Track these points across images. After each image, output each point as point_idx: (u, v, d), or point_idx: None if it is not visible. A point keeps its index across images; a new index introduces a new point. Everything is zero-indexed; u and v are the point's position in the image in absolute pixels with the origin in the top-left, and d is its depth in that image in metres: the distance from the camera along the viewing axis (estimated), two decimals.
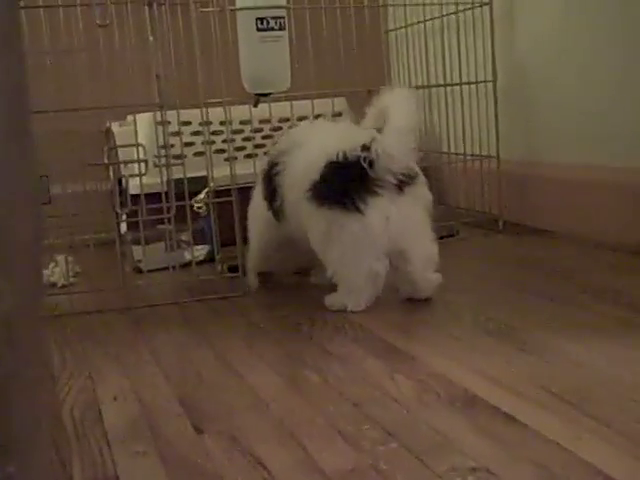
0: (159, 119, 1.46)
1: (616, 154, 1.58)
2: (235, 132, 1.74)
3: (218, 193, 1.51)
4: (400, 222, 1.23)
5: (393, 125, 1.25)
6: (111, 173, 1.76)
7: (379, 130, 1.28)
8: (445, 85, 1.96)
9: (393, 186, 1.23)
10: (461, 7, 1.87)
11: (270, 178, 1.38)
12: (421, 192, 1.27)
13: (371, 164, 1.22)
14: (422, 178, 1.28)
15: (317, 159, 1.27)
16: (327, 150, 1.26)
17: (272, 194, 1.37)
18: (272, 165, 1.38)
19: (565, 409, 0.83)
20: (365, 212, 1.22)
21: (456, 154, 1.97)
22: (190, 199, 1.48)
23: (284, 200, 1.34)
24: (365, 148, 1.23)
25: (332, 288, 1.29)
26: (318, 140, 1.33)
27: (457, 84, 1.92)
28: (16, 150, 0.38)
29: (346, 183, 1.23)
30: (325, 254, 1.28)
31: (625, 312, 1.15)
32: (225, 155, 1.74)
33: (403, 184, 1.24)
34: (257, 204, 1.45)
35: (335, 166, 1.24)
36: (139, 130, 1.48)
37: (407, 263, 1.26)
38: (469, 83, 1.89)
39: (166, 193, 1.45)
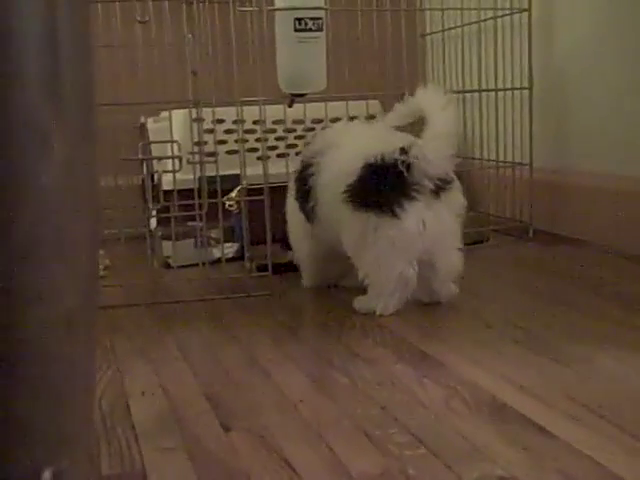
0: (194, 116, 1.47)
1: None
2: (268, 131, 1.74)
3: (250, 192, 1.51)
4: (434, 228, 1.23)
5: (433, 129, 1.24)
6: (144, 168, 1.76)
7: (406, 129, 1.28)
8: (480, 91, 1.95)
9: (430, 191, 1.22)
10: (499, 13, 1.86)
11: (304, 179, 1.37)
12: (456, 198, 1.27)
13: (409, 168, 1.21)
14: (457, 184, 1.27)
15: (354, 160, 1.26)
16: (364, 152, 1.25)
17: (305, 195, 1.37)
18: (306, 166, 1.38)
19: (597, 423, 0.82)
20: (401, 216, 1.21)
21: (488, 160, 1.96)
22: (222, 197, 1.48)
23: (318, 201, 1.34)
24: (404, 151, 1.22)
25: (362, 291, 1.29)
26: (354, 141, 1.32)
27: (492, 90, 1.90)
28: (86, 150, 0.39)
29: (383, 186, 1.22)
30: (358, 257, 1.28)
31: None
32: (258, 154, 1.75)
33: (439, 189, 1.23)
34: (290, 213, 1.46)
35: (372, 168, 1.23)
36: (173, 127, 1.49)
37: (432, 270, 1.26)
38: (504, 89, 1.88)
39: (198, 190, 1.46)
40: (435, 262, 1.25)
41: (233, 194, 1.52)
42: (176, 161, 1.44)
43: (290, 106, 1.58)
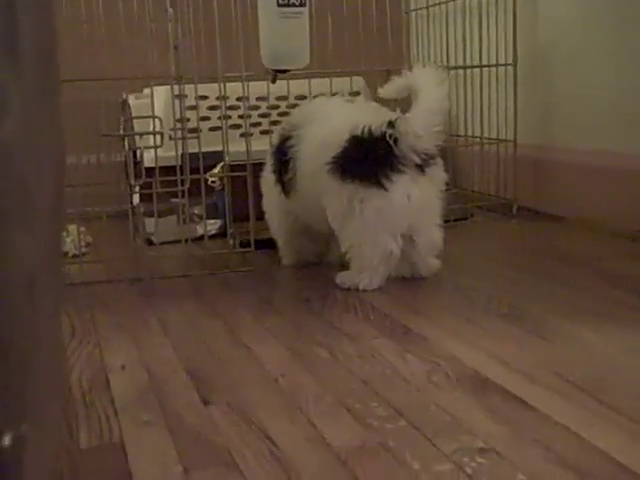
0: (176, 92, 1.45)
1: (635, 141, 1.56)
2: (251, 108, 1.73)
3: (233, 168, 1.50)
4: (418, 203, 1.23)
5: (423, 105, 1.24)
6: (126, 145, 1.75)
7: (389, 105, 1.28)
8: (465, 67, 1.94)
9: (415, 166, 1.22)
10: None
11: (283, 151, 1.36)
12: (438, 174, 1.27)
13: (396, 141, 1.21)
14: (439, 160, 1.28)
15: (340, 132, 1.25)
16: (350, 124, 1.25)
17: (284, 167, 1.36)
18: (285, 138, 1.37)
19: (577, 395, 0.82)
20: (389, 188, 1.21)
21: (473, 137, 1.96)
22: (205, 173, 1.47)
23: (297, 173, 1.33)
24: (391, 125, 1.22)
25: (343, 267, 1.29)
26: (339, 114, 1.32)
27: (477, 66, 1.90)
28: (47, 105, 0.38)
29: (370, 158, 1.22)
30: (342, 229, 1.27)
31: (639, 300, 1.14)
32: (241, 131, 1.73)
33: (424, 164, 1.23)
34: (264, 188, 1.46)
35: (359, 140, 1.23)
36: (155, 103, 1.47)
37: (413, 244, 1.26)
38: (489, 66, 1.87)
39: (180, 166, 1.45)
40: (416, 237, 1.25)
41: (216, 170, 1.51)
42: (158, 137, 1.43)
43: (273, 82, 1.56)
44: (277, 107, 1.87)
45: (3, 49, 0.34)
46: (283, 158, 1.36)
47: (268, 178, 1.44)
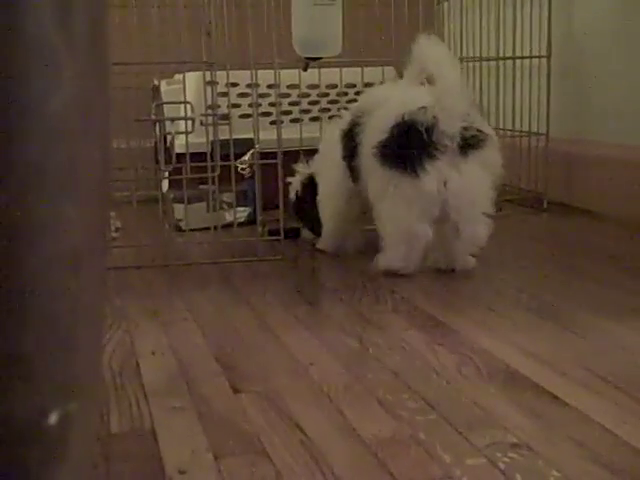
0: (207, 79, 1.45)
1: None
2: (282, 96, 1.72)
3: (263, 156, 1.50)
4: (460, 189, 1.22)
5: (442, 87, 1.23)
6: (157, 130, 1.75)
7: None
8: (498, 59, 1.92)
9: (455, 150, 1.21)
10: None
11: (352, 137, 1.37)
12: (490, 157, 1.25)
13: (428, 129, 1.21)
14: (493, 140, 1.26)
15: (388, 119, 1.27)
16: (397, 111, 1.26)
17: (352, 152, 1.37)
18: (354, 124, 1.37)
19: (610, 391, 0.81)
20: (420, 175, 1.21)
21: (504, 129, 1.94)
22: (235, 160, 1.47)
23: (362, 157, 1.34)
24: (423, 111, 1.22)
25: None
26: (393, 100, 1.32)
27: (510, 58, 1.88)
28: (97, 80, 0.37)
29: (407, 145, 1.23)
30: (376, 210, 1.29)
31: None
32: (271, 118, 1.73)
33: (468, 147, 1.22)
34: (326, 173, 1.46)
35: (399, 127, 1.24)
36: (187, 89, 1.47)
37: (454, 236, 1.25)
38: (522, 57, 1.85)
39: (211, 153, 1.45)
40: (459, 228, 1.25)
41: (246, 158, 1.51)
42: (189, 123, 1.43)
43: (305, 70, 1.56)
44: (308, 95, 1.86)
45: (57, 23, 0.34)
46: (352, 143, 1.37)
47: (329, 163, 1.44)
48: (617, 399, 0.79)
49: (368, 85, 1.75)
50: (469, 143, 1.22)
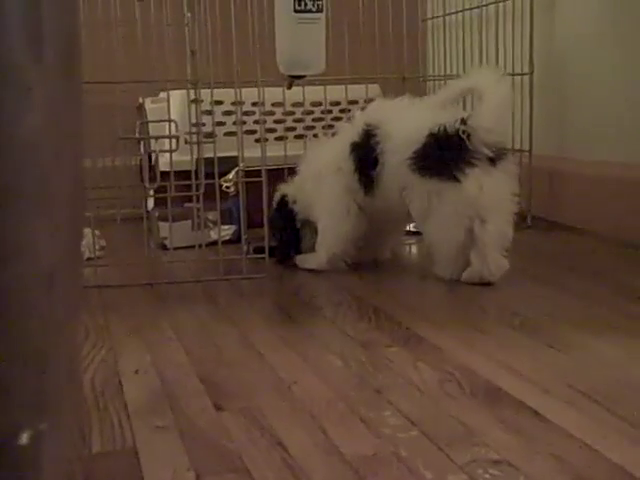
0: (192, 97, 1.45)
1: None
2: (267, 114, 1.73)
3: (247, 174, 1.50)
4: (491, 195, 1.29)
5: (491, 101, 1.31)
6: (142, 148, 1.75)
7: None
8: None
9: (487, 159, 1.29)
10: None
11: (369, 147, 1.40)
12: (511, 167, 1.33)
13: (469, 137, 1.28)
14: (511, 155, 1.35)
15: (420, 130, 1.33)
16: (429, 121, 1.33)
17: (369, 163, 1.40)
18: (368, 135, 1.40)
19: (592, 408, 0.81)
20: (462, 181, 1.28)
21: None
22: (219, 178, 1.47)
23: (384, 166, 1.38)
24: (464, 122, 1.29)
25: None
26: (416, 113, 1.39)
27: None
28: (69, 99, 0.38)
29: (445, 154, 1.30)
30: (423, 224, 1.37)
31: None
32: (256, 136, 1.74)
33: (496, 158, 1.30)
34: (327, 189, 1.47)
35: (436, 137, 1.31)
36: (172, 107, 1.48)
37: (484, 236, 1.30)
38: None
39: (195, 171, 1.45)
40: (489, 229, 1.30)
41: (230, 176, 1.51)
42: (173, 141, 1.43)
43: (289, 88, 1.56)
44: (292, 113, 1.87)
45: (27, 39, 0.34)
46: (368, 155, 1.40)
47: (331, 179, 1.46)
48: (598, 415, 0.80)
49: (352, 103, 1.76)
50: (498, 155, 1.30)
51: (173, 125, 1.44)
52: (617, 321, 1.10)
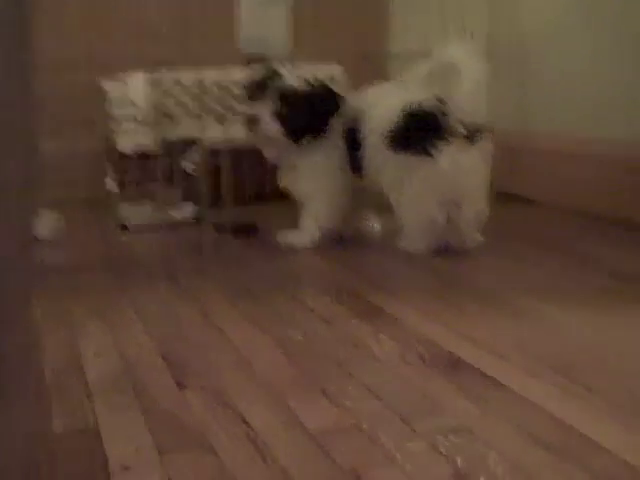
0: (153, 78, 1.44)
1: (607, 127, 1.57)
2: (228, 94, 1.72)
3: (209, 154, 1.49)
4: (466, 172, 1.30)
5: (468, 80, 1.30)
6: (102, 130, 1.74)
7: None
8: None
9: (463, 137, 1.29)
10: None
11: (355, 129, 1.41)
12: (487, 146, 1.34)
13: (445, 115, 1.29)
14: (487, 134, 1.35)
15: (394, 109, 1.34)
16: (404, 101, 1.33)
17: (354, 147, 1.41)
18: (355, 118, 1.41)
19: (549, 374, 0.83)
20: (436, 156, 1.29)
21: None
22: (180, 159, 1.46)
23: (366, 148, 1.39)
24: (440, 100, 1.30)
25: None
26: (395, 95, 1.39)
27: None
28: (19, 84, 0.37)
29: (420, 130, 1.30)
30: (394, 199, 1.37)
31: (609, 281, 1.15)
32: (217, 116, 1.73)
33: (473, 137, 1.30)
34: (325, 164, 1.46)
35: (411, 115, 1.32)
36: (132, 89, 1.46)
37: (460, 214, 1.32)
38: None
39: (156, 152, 1.44)
40: (465, 206, 1.32)
41: (192, 156, 1.51)
42: (134, 123, 1.42)
43: (247, 66, 1.56)
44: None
45: None
46: (355, 137, 1.40)
47: (321, 159, 1.45)
48: (556, 382, 0.81)
49: None
50: (474, 134, 1.30)
51: (134, 107, 1.43)
52: (577, 291, 1.12)
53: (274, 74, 1.43)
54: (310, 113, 1.42)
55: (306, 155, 1.45)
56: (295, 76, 1.43)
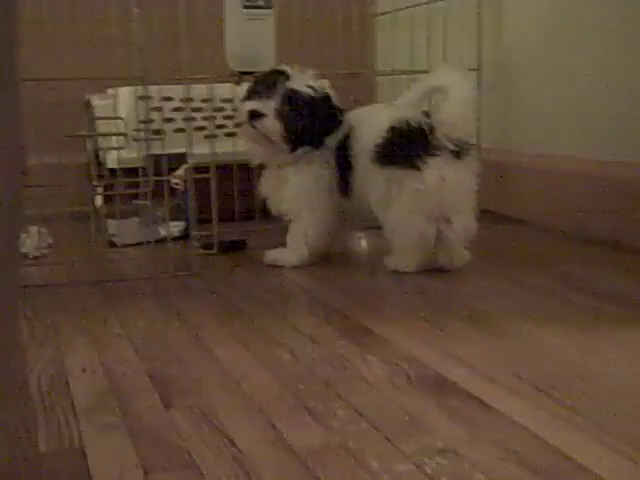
0: (140, 93, 1.44)
1: (596, 147, 1.58)
2: (216, 110, 1.72)
3: (196, 170, 1.49)
4: (453, 186, 1.30)
5: (456, 97, 1.31)
6: (89, 145, 1.74)
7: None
8: (429, 72, 1.94)
9: (450, 152, 1.30)
10: None
11: (346, 148, 1.41)
12: (474, 162, 1.35)
13: (432, 130, 1.29)
14: (474, 151, 1.36)
15: (381, 126, 1.35)
16: (390, 118, 1.34)
17: (344, 168, 1.41)
18: (346, 137, 1.42)
19: (536, 396, 0.83)
20: (423, 169, 1.29)
21: None
22: (168, 175, 1.46)
23: (354, 168, 1.39)
24: (427, 115, 1.31)
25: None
26: (384, 113, 1.40)
27: None
28: (5, 99, 0.37)
29: (407, 145, 1.31)
30: (383, 215, 1.36)
31: (596, 302, 1.16)
32: (205, 132, 1.73)
33: (460, 152, 1.31)
34: (313, 183, 1.45)
35: (397, 130, 1.33)
36: (119, 104, 1.47)
37: (450, 230, 1.32)
38: None
39: (144, 168, 1.44)
40: (454, 222, 1.32)
41: (179, 172, 1.51)
42: (121, 138, 1.42)
43: (238, 84, 1.56)
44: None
45: None
46: (345, 157, 1.41)
47: (313, 173, 1.44)
48: (542, 403, 0.81)
49: None
50: (461, 149, 1.31)
51: (121, 122, 1.43)
52: (562, 311, 1.12)
53: (283, 75, 1.42)
54: (314, 120, 1.42)
55: (296, 168, 1.44)
56: (303, 81, 1.43)
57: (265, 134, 1.41)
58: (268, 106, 1.40)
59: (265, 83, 1.42)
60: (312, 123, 1.41)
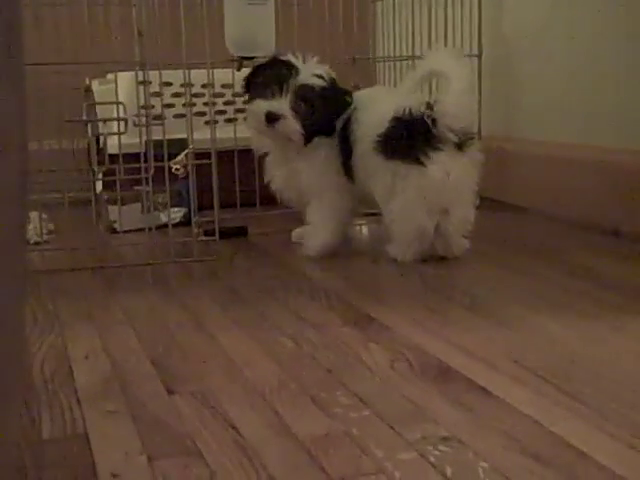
0: (140, 78, 1.44)
1: (598, 134, 1.58)
2: (216, 95, 1.72)
3: (197, 156, 1.49)
4: (457, 181, 1.30)
5: (457, 87, 1.30)
6: (89, 131, 1.73)
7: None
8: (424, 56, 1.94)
9: (453, 144, 1.29)
10: None
11: (346, 135, 1.40)
12: (476, 153, 1.33)
13: (434, 122, 1.28)
14: (476, 141, 1.36)
15: (384, 114, 1.33)
16: (393, 107, 1.32)
17: (346, 150, 1.40)
18: (346, 123, 1.40)
19: (538, 383, 0.83)
20: (427, 165, 1.28)
21: None
22: (169, 161, 1.46)
23: (355, 151, 1.38)
24: (429, 106, 1.29)
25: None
26: (386, 99, 1.39)
27: None
28: (9, 86, 0.37)
29: (410, 138, 1.30)
30: (385, 205, 1.35)
31: (598, 290, 1.16)
32: (205, 118, 1.73)
33: (463, 144, 1.30)
34: (324, 166, 1.43)
35: (401, 121, 1.31)
36: (119, 89, 1.46)
37: (448, 221, 1.32)
38: None
39: (144, 154, 1.43)
40: (452, 214, 1.32)
41: (180, 158, 1.50)
42: (121, 124, 1.42)
43: (238, 70, 1.56)
44: (242, 95, 1.86)
45: None
46: (347, 142, 1.40)
47: (321, 156, 1.42)
48: (544, 391, 0.81)
49: None
50: (464, 141, 1.30)
51: (121, 108, 1.42)
52: (563, 299, 1.13)
53: (291, 68, 1.39)
54: (328, 112, 1.40)
55: (304, 154, 1.42)
56: (310, 71, 1.40)
57: (285, 135, 1.40)
58: (283, 106, 1.37)
59: (274, 79, 1.39)
60: (326, 113, 1.40)
